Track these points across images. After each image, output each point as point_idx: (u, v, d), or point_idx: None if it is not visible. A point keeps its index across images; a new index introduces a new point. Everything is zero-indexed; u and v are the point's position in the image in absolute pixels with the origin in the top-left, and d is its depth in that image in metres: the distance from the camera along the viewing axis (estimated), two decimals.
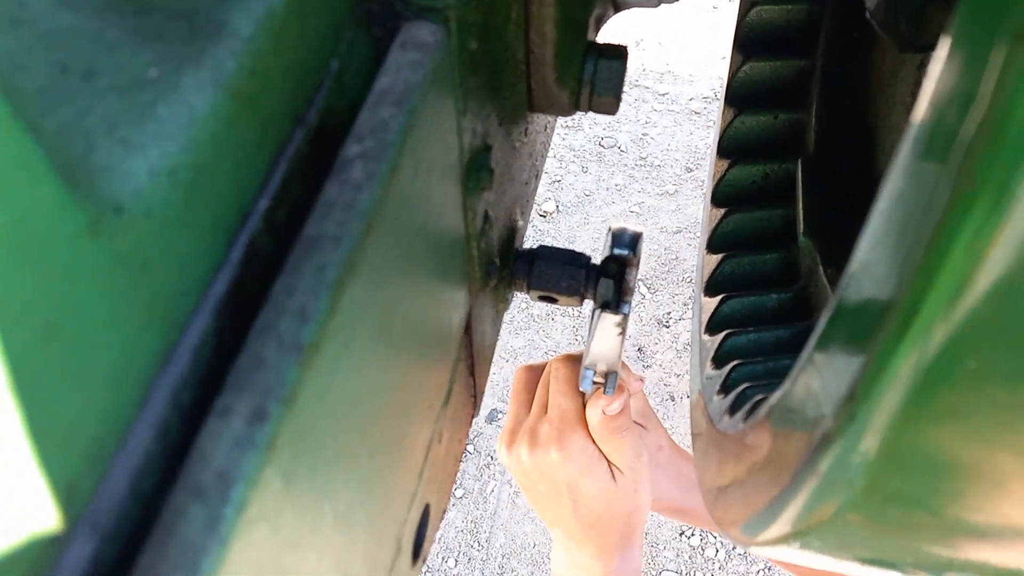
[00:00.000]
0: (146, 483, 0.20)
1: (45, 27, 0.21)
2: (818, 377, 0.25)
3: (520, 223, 0.56)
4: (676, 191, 2.51)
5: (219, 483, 0.19)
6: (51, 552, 0.17)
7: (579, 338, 2.10)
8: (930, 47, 0.42)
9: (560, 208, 2.45)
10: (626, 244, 0.53)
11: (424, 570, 1.74)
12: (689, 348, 0.75)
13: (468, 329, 0.46)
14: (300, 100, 0.26)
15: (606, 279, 0.51)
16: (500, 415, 1.99)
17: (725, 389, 0.54)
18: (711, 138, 0.67)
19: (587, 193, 2.51)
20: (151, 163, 0.20)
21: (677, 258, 2.32)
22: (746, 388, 0.51)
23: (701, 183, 2.49)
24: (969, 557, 0.26)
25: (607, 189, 2.52)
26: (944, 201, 0.17)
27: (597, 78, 0.46)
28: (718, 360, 0.58)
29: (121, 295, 0.19)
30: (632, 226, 0.54)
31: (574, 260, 0.52)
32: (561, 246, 0.53)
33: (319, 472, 0.23)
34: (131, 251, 0.19)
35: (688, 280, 2.26)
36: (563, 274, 0.52)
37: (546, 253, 0.53)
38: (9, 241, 0.15)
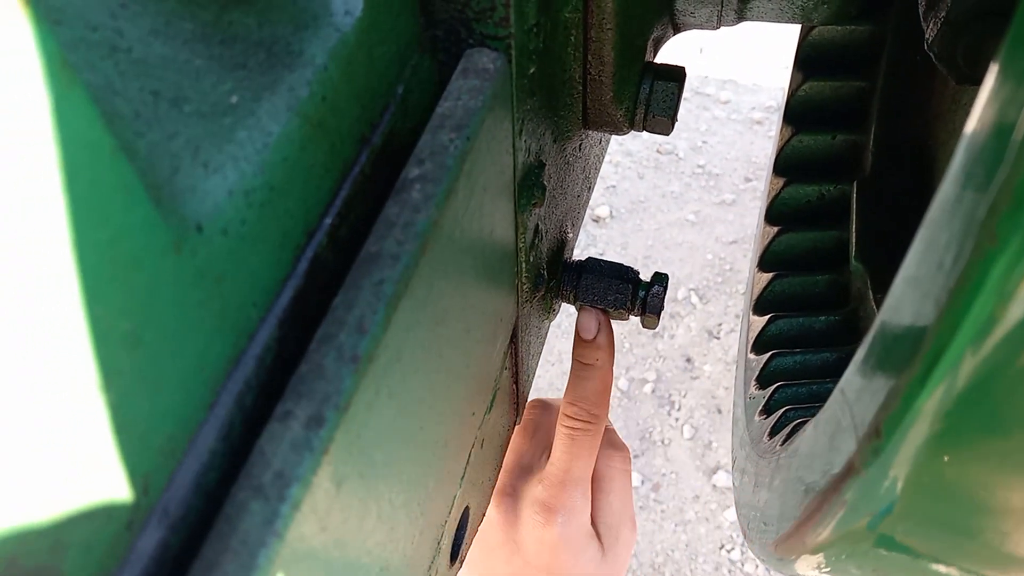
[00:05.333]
0: (210, 478, 0.22)
1: (139, 55, 0.23)
2: (847, 408, 0.25)
3: (570, 235, 0.58)
4: (734, 200, 2.49)
5: (277, 482, 0.20)
6: (127, 537, 0.19)
7: (626, 345, 2.10)
8: None
9: (614, 214, 2.45)
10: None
11: None
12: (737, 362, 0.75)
13: (514, 338, 0.47)
14: (366, 123, 0.28)
15: (656, 295, 0.52)
16: None
17: (767, 410, 0.54)
18: (771, 148, 0.67)
19: (642, 200, 2.50)
20: (229, 184, 0.22)
21: (731, 269, 2.30)
22: (788, 410, 0.51)
23: (759, 193, 2.46)
24: None
25: (663, 196, 2.51)
26: (968, 253, 0.18)
27: (653, 99, 0.47)
28: (762, 380, 0.59)
29: (197, 306, 0.21)
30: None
31: (621, 274, 0.53)
32: (614, 252, 0.54)
33: (367, 475, 0.25)
34: (208, 266, 0.21)
35: (741, 292, 2.24)
36: (609, 288, 0.53)
37: (594, 266, 0.54)
38: (106, 258, 0.17)
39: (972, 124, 0.19)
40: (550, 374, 2.07)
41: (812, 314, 0.64)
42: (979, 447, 0.21)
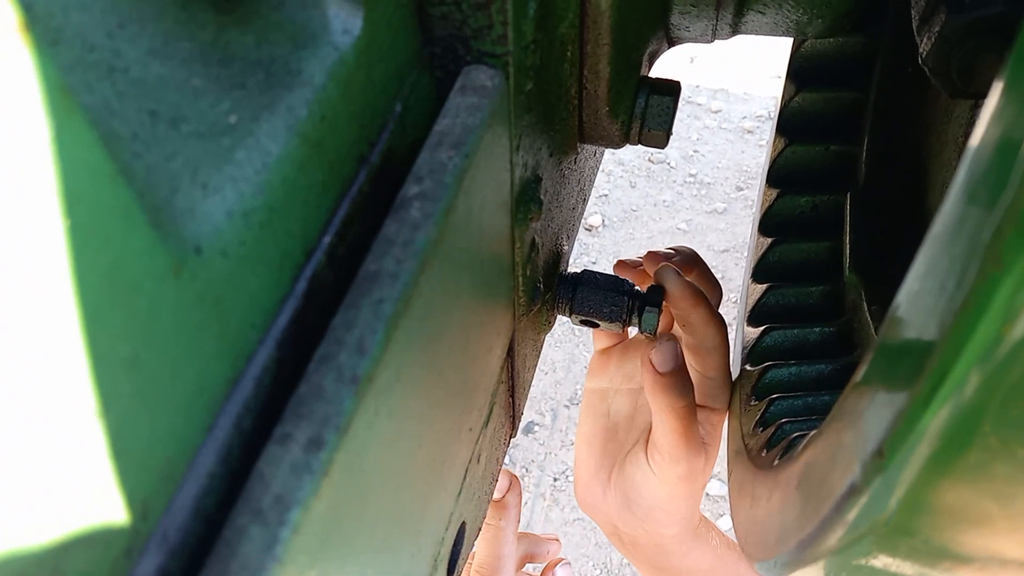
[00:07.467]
0: (209, 503, 0.22)
1: (137, 75, 0.23)
2: (849, 428, 0.25)
3: (565, 248, 0.58)
4: (725, 209, 2.50)
5: (277, 506, 0.20)
6: (126, 564, 0.19)
7: None
8: (982, 95, 0.42)
9: (606, 223, 2.46)
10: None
11: None
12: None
13: (510, 352, 0.47)
14: (365, 142, 0.28)
15: (651, 309, 0.52)
16: (536, 427, 1.99)
17: (763, 422, 0.54)
18: (763, 158, 0.67)
19: (634, 209, 2.51)
20: (228, 205, 0.22)
21: (723, 277, 2.31)
22: (784, 423, 0.51)
23: (751, 202, 2.47)
24: None
25: (654, 205, 2.52)
26: (973, 275, 0.18)
27: (648, 113, 0.47)
28: (758, 392, 0.58)
29: (196, 329, 0.20)
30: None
31: (617, 287, 0.53)
32: (606, 261, 0.54)
33: (366, 496, 0.25)
34: (207, 288, 0.21)
35: (734, 300, 2.24)
36: (605, 300, 0.53)
37: (589, 278, 0.54)
38: (106, 282, 0.17)
39: (976, 141, 0.19)
40: (543, 383, 2.07)
41: (806, 325, 0.64)
42: (980, 466, 0.21)
